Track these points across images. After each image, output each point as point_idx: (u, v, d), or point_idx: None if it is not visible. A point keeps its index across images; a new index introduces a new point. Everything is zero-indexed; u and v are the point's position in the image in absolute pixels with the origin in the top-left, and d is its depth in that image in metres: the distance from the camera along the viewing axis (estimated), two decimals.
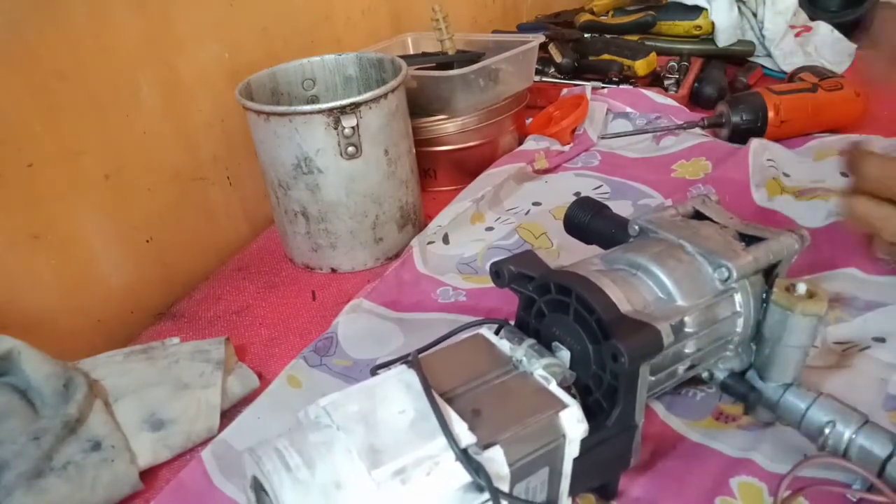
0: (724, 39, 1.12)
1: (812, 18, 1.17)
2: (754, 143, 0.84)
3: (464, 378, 0.41)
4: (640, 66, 1.06)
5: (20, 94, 0.58)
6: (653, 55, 1.07)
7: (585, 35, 1.17)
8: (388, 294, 0.67)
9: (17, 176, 0.59)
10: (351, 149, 0.67)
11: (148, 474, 0.52)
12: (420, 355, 0.42)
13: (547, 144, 0.91)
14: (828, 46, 1.12)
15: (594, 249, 0.55)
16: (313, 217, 0.71)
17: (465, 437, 0.36)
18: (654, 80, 1.09)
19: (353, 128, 0.66)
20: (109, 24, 0.65)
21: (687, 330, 0.44)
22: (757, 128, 0.89)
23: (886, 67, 1.06)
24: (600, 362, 0.42)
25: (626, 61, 1.06)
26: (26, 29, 0.58)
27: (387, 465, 0.35)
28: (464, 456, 0.36)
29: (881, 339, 0.56)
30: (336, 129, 0.66)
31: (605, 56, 1.09)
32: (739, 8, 1.11)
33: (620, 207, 0.78)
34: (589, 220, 0.56)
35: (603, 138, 0.95)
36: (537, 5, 1.53)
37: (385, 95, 0.68)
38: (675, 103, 0.99)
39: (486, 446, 0.37)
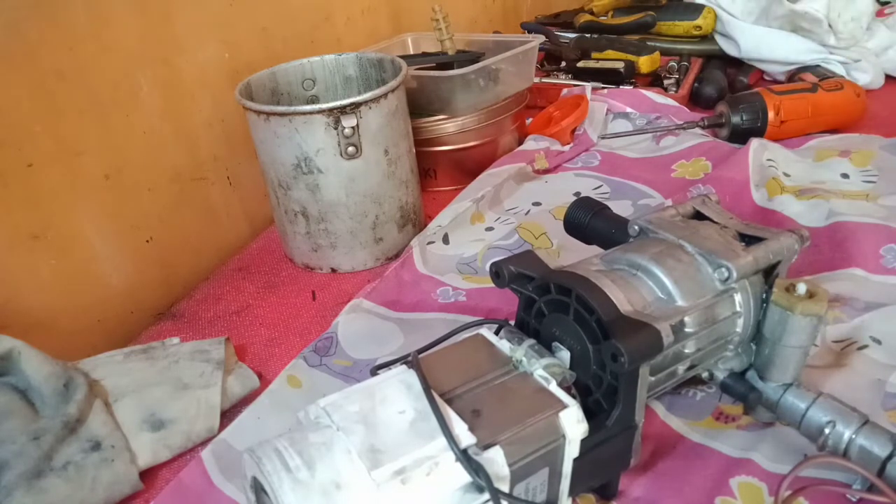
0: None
1: None
2: (754, 143, 0.84)
3: (464, 378, 0.41)
4: (644, 63, 1.06)
5: (20, 94, 0.58)
6: (657, 53, 1.07)
7: (586, 35, 1.17)
8: (388, 294, 0.67)
9: (17, 176, 0.59)
10: (351, 149, 0.67)
11: (148, 474, 0.52)
12: (420, 355, 0.42)
13: (547, 144, 0.91)
14: None
15: (594, 249, 0.55)
16: (313, 217, 0.71)
17: (465, 437, 0.36)
18: (654, 80, 1.09)
19: (353, 128, 0.66)
20: (109, 23, 0.65)
21: (687, 330, 0.44)
22: (757, 128, 0.89)
23: None
24: (600, 362, 0.42)
25: (632, 57, 1.07)
26: (26, 29, 0.58)
27: (387, 466, 0.35)
28: (464, 456, 0.36)
29: (878, 341, 0.56)
30: (336, 129, 0.66)
31: (610, 52, 1.09)
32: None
33: (620, 207, 0.78)
34: (589, 220, 0.56)
35: (603, 138, 0.95)
36: (537, 5, 1.53)
37: (385, 95, 0.68)
38: (675, 103, 0.99)
39: (486, 447, 0.37)
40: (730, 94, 0.98)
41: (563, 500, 0.41)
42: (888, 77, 1.06)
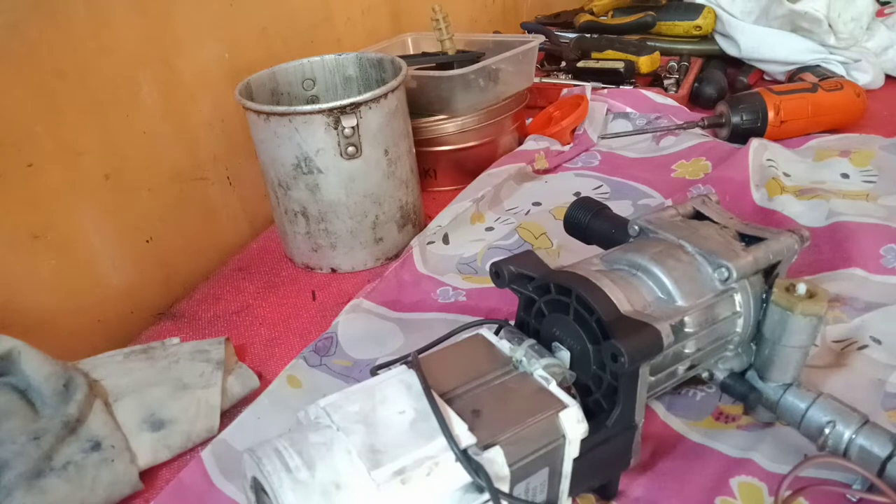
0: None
1: None
2: (754, 143, 0.84)
3: (464, 378, 0.41)
4: (644, 63, 1.06)
5: (20, 94, 0.58)
6: (657, 53, 1.07)
7: (586, 35, 1.17)
8: (388, 294, 0.67)
9: (17, 176, 0.59)
10: (351, 149, 0.67)
11: (148, 474, 0.52)
12: (420, 355, 0.42)
13: (547, 144, 0.91)
14: None
15: (594, 249, 0.55)
16: (313, 217, 0.71)
17: (465, 437, 0.36)
18: (654, 80, 1.09)
19: (353, 128, 0.66)
20: (109, 24, 0.65)
21: (687, 330, 0.44)
22: (757, 128, 0.89)
23: None
24: (600, 362, 0.42)
25: (632, 57, 1.07)
26: (26, 29, 0.58)
27: (387, 466, 0.35)
28: (464, 456, 0.36)
29: (878, 341, 0.56)
30: (336, 129, 0.66)
31: (610, 53, 1.09)
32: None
33: (620, 207, 0.78)
34: (589, 221, 0.56)
35: (603, 138, 0.95)
36: (537, 5, 1.53)
37: (385, 95, 0.68)
38: (675, 103, 0.99)
39: (486, 447, 0.37)
40: (730, 94, 0.98)
41: (563, 500, 0.41)
42: (888, 77, 1.06)
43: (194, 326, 0.68)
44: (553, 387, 0.40)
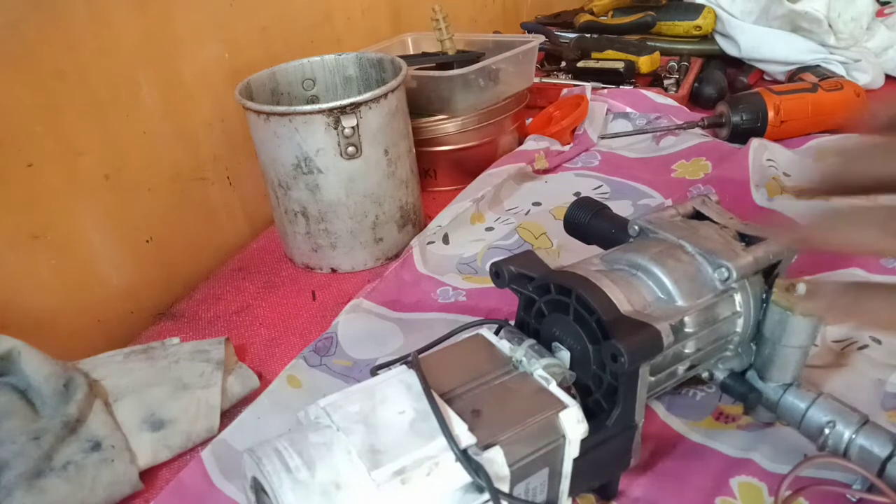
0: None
1: None
2: (754, 143, 0.84)
3: (464, 378, 0.41)
4: (644, 63, 1.06)
5: (20, 94, 0.58)
6: (657, 53, 1.07)
7: (586, 35, 1.17)
8: (388, 294, 0.67)
9: (17, 176, 0.59)
10: (351, 149, 0.67)
11: (148, 474, 0.52)
12: (420, 355, 0.42)
13: (547, 144, 0.91)
14: None
15: (594, 249, 0.55)
16: (313, 217, 0.71)
17: (465, 437, 0.36)
18: (654, 80, 1.09)
19: (353, 128, 0.66)
20: (109, 24, 0.65)
21: (687, 330, 0.44)
22: (757, 128, 0.89)
23: None
24: (600, 362, 0.42)
25: (632, 57, 1.07)
26: (26, 29, 0.58)
27: (387, 466, 0.35)
28: (464, 456, 0.36)
29: (878, 341, 0.56)
30: (336, 129, 0.66)
31: (610, 52, 1.09)
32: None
33: (620, 207, 0.78)
34: (589, 221, 0.56)
35: (603, 138, 0.95)
36: (537, 5, 1.53)
37: (385, 95, 0.68)
38: (675, 103, 0.99)
39: (486, 447, 0.37)
40: (730, 94, 0.98)
41: (563, 500, 0.41)
42: (888, 77, 1.06)
43: (194, 326, 0.68)
44: (553, 387, 0.40)
